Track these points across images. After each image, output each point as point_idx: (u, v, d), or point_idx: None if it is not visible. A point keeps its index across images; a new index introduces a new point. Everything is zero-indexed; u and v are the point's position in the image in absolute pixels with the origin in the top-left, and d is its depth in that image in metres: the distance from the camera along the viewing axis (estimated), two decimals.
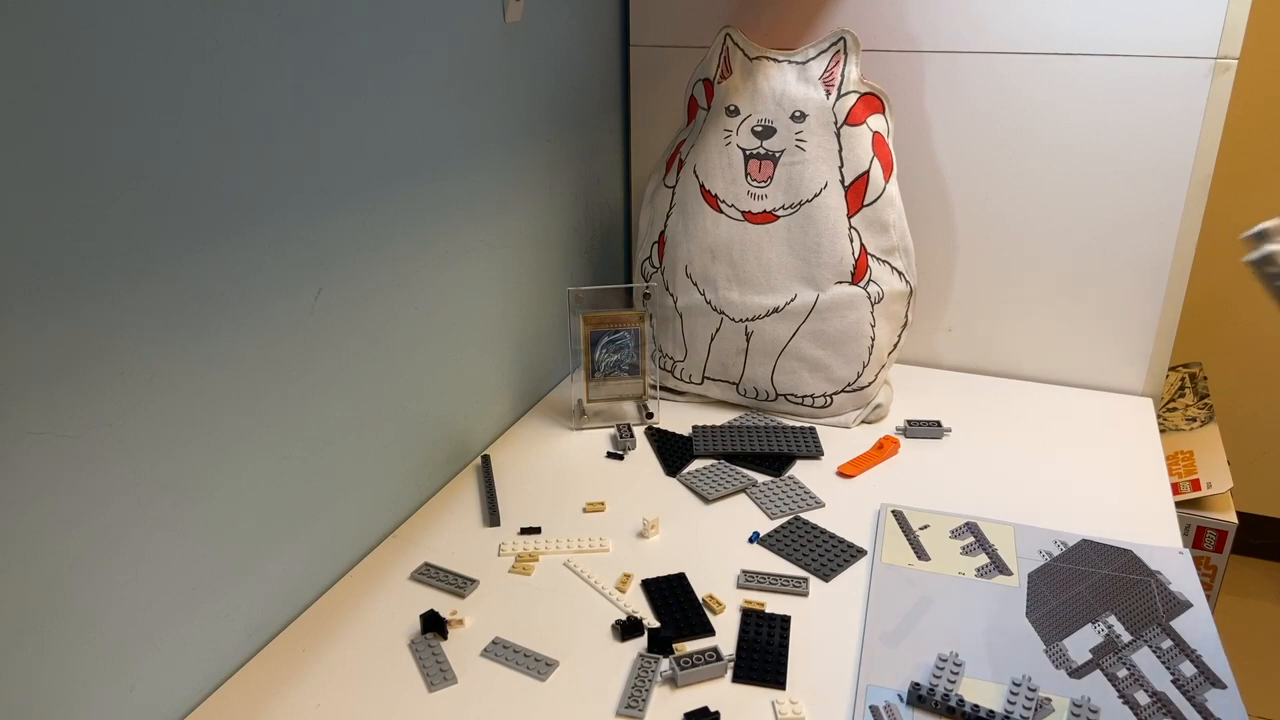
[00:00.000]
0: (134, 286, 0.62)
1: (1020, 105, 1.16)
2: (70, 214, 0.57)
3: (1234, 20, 1.05)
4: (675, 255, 1.18)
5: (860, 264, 1.11)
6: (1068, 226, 1.19)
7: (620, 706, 0.71)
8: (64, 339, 0.58)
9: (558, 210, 1.20)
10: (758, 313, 1.14)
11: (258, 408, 0.74)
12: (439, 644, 0.78)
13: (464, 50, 0.95)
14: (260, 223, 0.72)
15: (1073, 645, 0.77)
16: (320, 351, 0.81)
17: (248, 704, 0.72)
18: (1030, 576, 0.86)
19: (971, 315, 1.27)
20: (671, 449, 1.09)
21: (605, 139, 1.32)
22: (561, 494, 1.00)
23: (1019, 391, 1.24)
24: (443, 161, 0.95)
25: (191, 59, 0.64)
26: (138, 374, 0.63)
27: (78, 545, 0.61)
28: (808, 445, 1.09)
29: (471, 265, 1.02)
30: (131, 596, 0.65)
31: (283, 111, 0.73)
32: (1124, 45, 1.10)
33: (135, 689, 0.67)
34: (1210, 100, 1.08)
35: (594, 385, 1.15)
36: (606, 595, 0.84)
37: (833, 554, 0.90)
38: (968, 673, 0.74)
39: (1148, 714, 0.70)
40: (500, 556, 0.90)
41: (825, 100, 1.10)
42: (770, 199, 1.12)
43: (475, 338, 1.06)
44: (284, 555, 0.80)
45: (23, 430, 0.56)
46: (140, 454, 0.64)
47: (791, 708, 0.71)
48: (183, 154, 0.64)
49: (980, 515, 0.95)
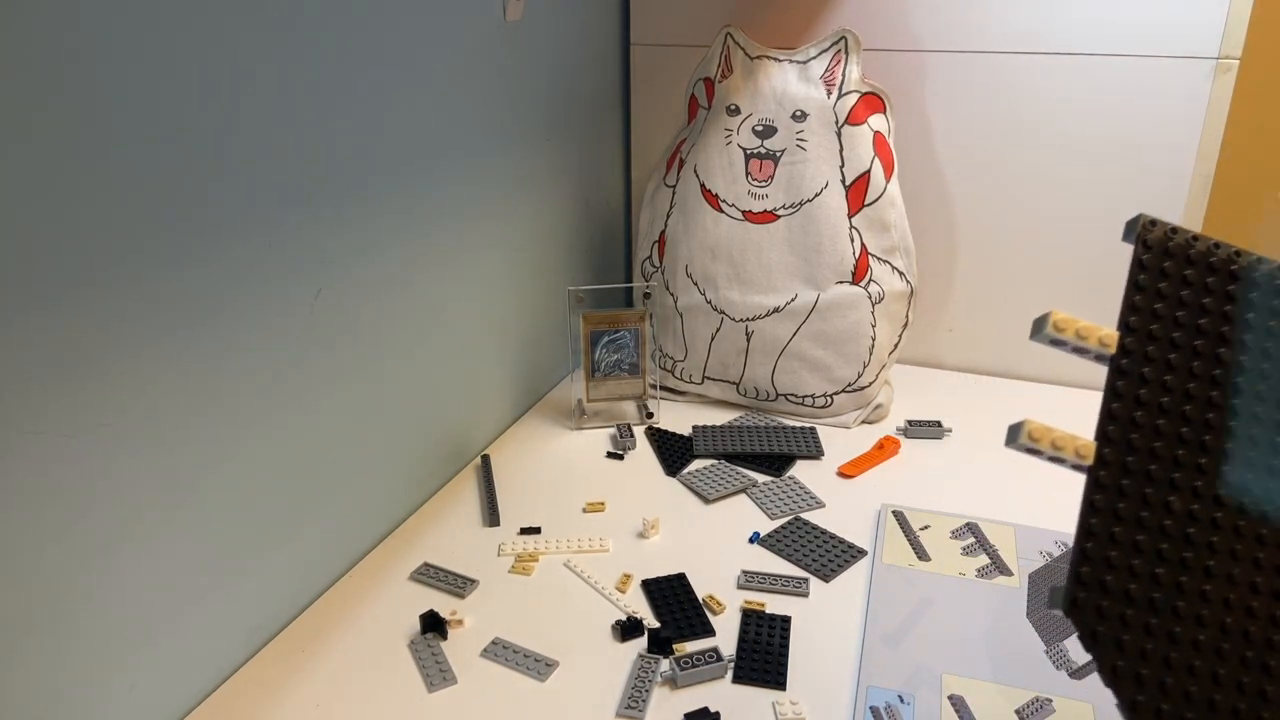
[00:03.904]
0: (134, 286, 0.62)
1: (1021, 105, 1.16)
2: (70, 214, 0.57)
3: (1235, 20, 1.05)
4: (675, 255, 1.17)
5: (861, 264, 1.11)
6: (1069, 227, 1.19)
7: (620, 707, 0.71)
8: (64, 339, 0.58)
9: (558, 210, 1.20)
10: (758, 312, 1.14)
11: (257, 407, 0.74)
12: (439, 644, 0.78)
13: (464, 49, 0.95)
14: (260, 223, 0.72)
15: (1073, 646, 0.77)
16: (320, 351, 0.81)
17: (248, 704, 0.72)
18: (1031, 577, 0.85)
19: (972, 315, 1.27)
20: (671, 449, 1.09)
21: (605, 138, 1.32)
22: (561, 494, 1.00)
23: (1019, 391, 1.24)
24: (442, 160, 0.94)
25: (191, 58, 0.64)
26: (138, 374, 0.63)
27: (78, 545, 0.61)
28: (808, 445, 1.09)
29: (471, 265, 1.02)
30: (131, 596, 0.65)
31: (282, 111, 0.72)
32: (1125, 45, 1.10)
33: (135, 688, 0.67)
34: (1211, 100, 1.08)
35: (594, 385, 1.15)
36: (606, 595, 0.84)
37: (833, 554, 0.90)
38: (968, 673, 0.74)
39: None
40: (500, 556, 0.90)
41: (826, 100, 1.10)
42: (771, 198, 1.12)
43: (475, 337, 1.06)
44: (284, 555, 0.80)
45: (23, 430, 0.56)
46: (140, 454, 0.64)
47: (792, 708, 0.71)
48: (182, 154, 0.64)
49: (981, 516, 0.95)
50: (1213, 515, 0.47)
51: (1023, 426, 0.48)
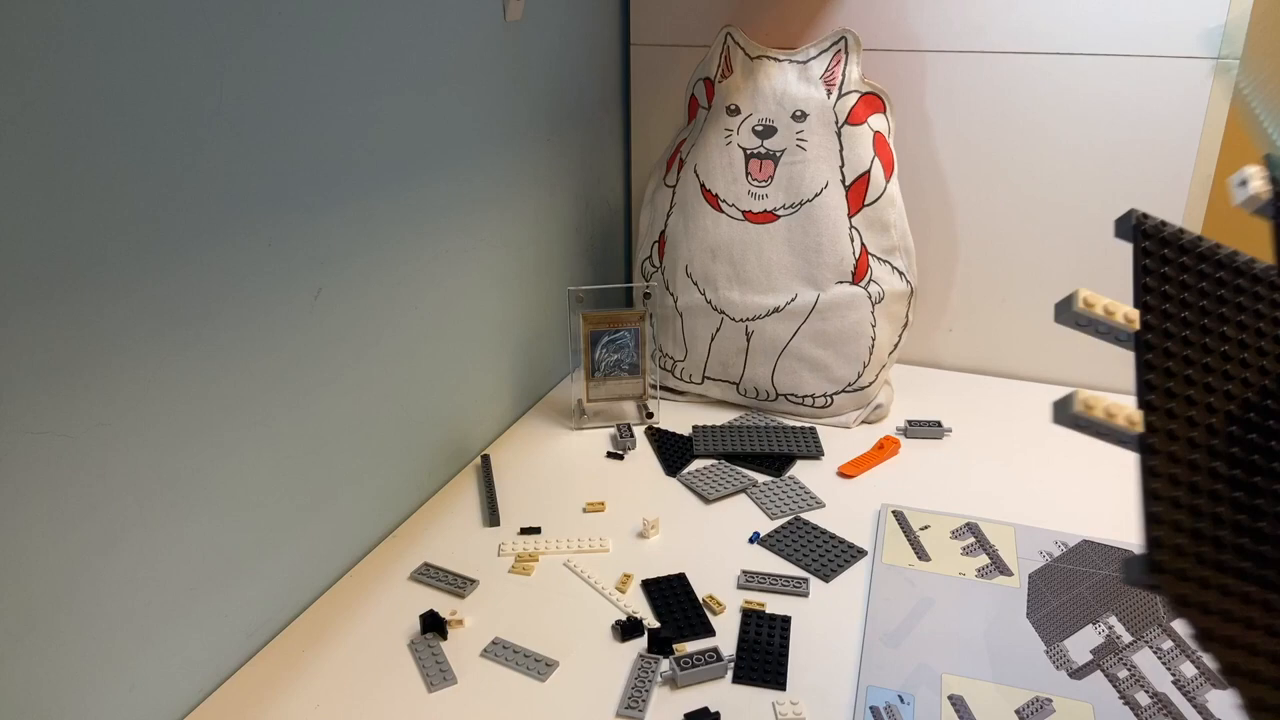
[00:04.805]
0: (134, 286, 0.62)
1: (1021, 105, 1.16)
2: (70, 214, 0.57)
3: (1235, 20, 1.05)
4: (675, 255, 1.17)
5: (861, 264, 1.11)
6: (1068, 226, 1.19)
7: (620, 707, 0.71)
8: (64, 339, 0.58)
9: (558, 210, 1.20)
10: (758, 312, 1.14)
11: (257, 407, 0.74)
12: (439, 644, 0.78)
13: (464, 49, 0.95)
14: (260, 223, 0.72)
15: (1073, 646, 0.77)
16: (320, 351, 0.81)
17: (247, 704, 0.72)
18: (1031, 577, 0.85)
19: (972, 315, 1.27)
20: (671, 449, 1.09)
21: (605, 138, 1.32)
22: (561, 494, 1.00)
23: (1019, 391, 1.24)
24: (443, 160, 0.94)
25: (191, 58, 0.64)
26: (138, 374, 0.63)
27: (78, 545, 0.61)
28: (808, 445, 1.09)
29: (471, 265, 1.02)
30: (131, 596, 0.65)
31: (283, 111, 0.73)
32: (1125, 45, 1.10)
33: (135, 689, 0.67)
34: (1211, 100, 1.08)
35: (594, 385, 1.15)
36: (606, 595, 0.84)
37: (833, 554, 0.90)
38: (968, 673, 0.74)
39: (1148, 715, 0.70)
40: (500, 556, 0.90)
41: (826, 100, 1.10)
42: (771, 198, 1.12)
43: (475, 337, 1.06)
44: (284, 555, 0.80)
45: (23, 430, 0.56)
46: (140, 454, 0.64)
47: (792, 708, 0.71)
48: (183, 154, 0.64)
49: (981, 516, 0.95)
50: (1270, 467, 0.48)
51: (1074, 396, 0.48)
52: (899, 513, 0.95)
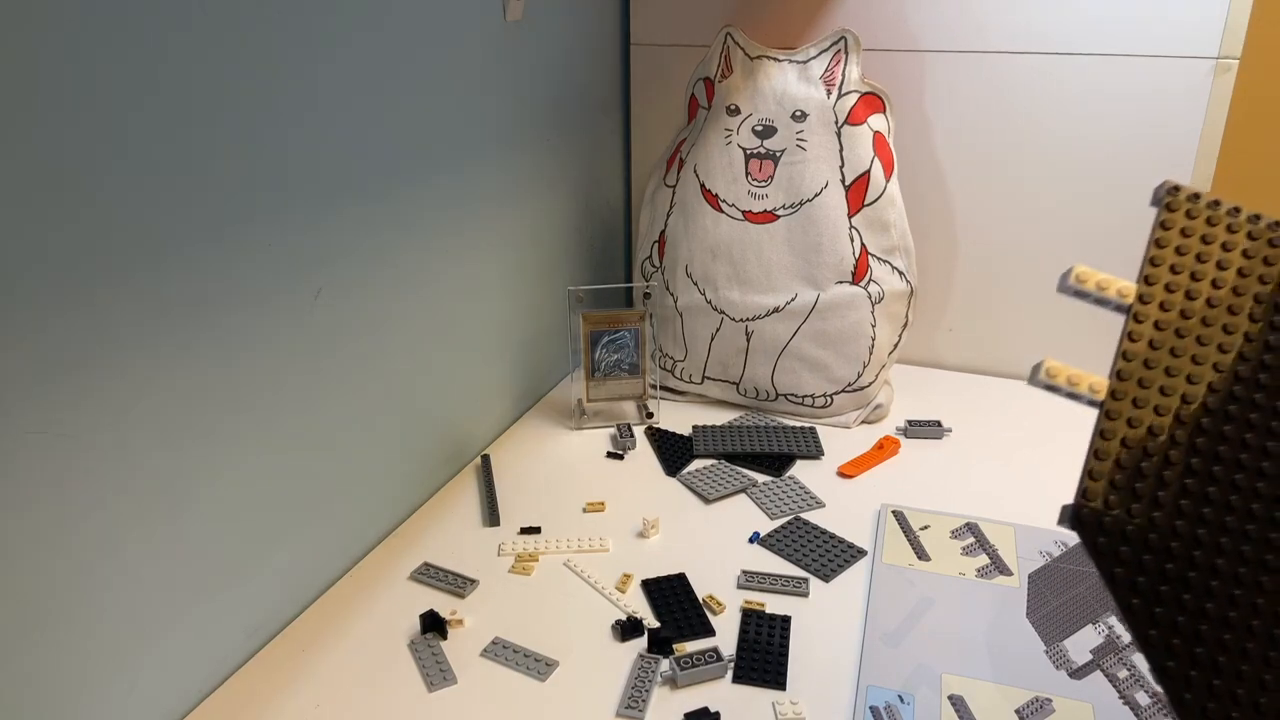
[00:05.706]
0: (134, 286, 0.62)
1: (1021, 105, 1.16)
2: (70, 214, 0.57)
3: (1235, 20, 1.05)
4: (675, 255, 1.17)
5: (861, 263, 1.11)
6: (1069, 226, 1.19)
7: (620, 707, 0.71)
8: (64, 339, 0.58)
9: (558, 210, 1.20)
10: (758, 312, 1.14)
11: (257, 407, 0.74)
12: (439, 644, 0.78)
13: (464, 49, 0.95)
14: (260, 223, 0.72)
15: (1073, 646, 0.77)
16: (320, 351, 0.81)
17: (247, 704, 0.72)
18: (1031, 577, 0.85)
19: (972, 315, 1.27)
20: (671, 449, 1.09)
21: (605, 138, 1.32)
22: (561, 494, 1.00)
23: (1019, 391, 1.23)
24: (442, 160, 0.94)
25: (191, 58, 0.64)
26: (138, 374, 0.63)
27: (78, 545, 0.61)
28: (808, 445, 1.09)
29: (471, 265, 1.02)
30: (131, 596, 0.65)
31: (283, 111, 0.73)
32: (1125, 45, 1.10)
33: (135, 688, 0.67)
34: (1211, 100, 1.08)
35: (594, 385, 1.15)
36: (606, 595, 0.84)
37: (833, 554, 0.90)
38: (968, 673, 0.74)
39: (1148, 714, 0.70)
40: (500, 556, 0.90)
41: (826, 100, 1.10)
42: (771, 198, 1.12)
43: (475, 337, 1.06)
44: (283, 555, 0.80)
45: (23, 430, 0.56)
46: (140, 454, 0.64)
47: (792, 708, 0.71)
48: (183, 154, 0.64)
49: (981, 515, 0.95)
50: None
51: (1041, 365, 0.53)
52: (899, 513, 0.95)
